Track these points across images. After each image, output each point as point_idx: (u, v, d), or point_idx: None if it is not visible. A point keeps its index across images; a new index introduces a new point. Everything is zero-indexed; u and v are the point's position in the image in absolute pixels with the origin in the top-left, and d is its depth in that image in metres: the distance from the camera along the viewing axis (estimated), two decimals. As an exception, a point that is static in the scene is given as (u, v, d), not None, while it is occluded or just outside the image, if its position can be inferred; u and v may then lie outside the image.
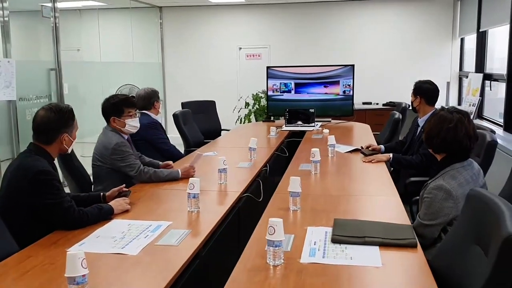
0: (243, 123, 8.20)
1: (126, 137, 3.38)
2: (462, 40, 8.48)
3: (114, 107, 3.30)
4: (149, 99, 4.32)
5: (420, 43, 8.57)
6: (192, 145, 5.13)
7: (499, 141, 4.98)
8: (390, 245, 2.10)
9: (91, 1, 7.85)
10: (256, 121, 7.97)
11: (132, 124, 3.36)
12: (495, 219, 1.60)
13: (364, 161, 3.90)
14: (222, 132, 6.38)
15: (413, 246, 2.09)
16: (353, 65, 6.53)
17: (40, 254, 2.09)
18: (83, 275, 1.65)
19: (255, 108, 8.20)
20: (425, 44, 8.56)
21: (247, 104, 8.34)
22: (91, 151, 3.43)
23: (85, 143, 5.24)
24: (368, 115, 7.88)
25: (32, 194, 2.32)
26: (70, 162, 3.37)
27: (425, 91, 4.10)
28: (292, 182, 2.65)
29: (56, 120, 2.47)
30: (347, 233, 2.19)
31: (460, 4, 8.28)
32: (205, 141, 5.40)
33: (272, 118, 6.94)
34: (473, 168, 2.47)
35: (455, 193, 2.30)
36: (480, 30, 7.06)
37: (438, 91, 4.09)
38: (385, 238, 2.13)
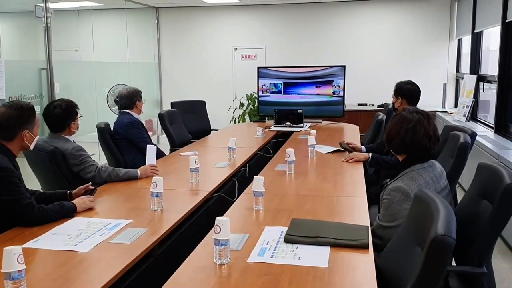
0: (238, 123, 8.21)
1: (72, 139, 3.41)
2: (459, 41, 8.43)
3: (68, 113, 3.31)
4: (131, 98, 4.33)
5: (417, 44, 8.53)
6: (177, 144, 5.14)
7: (488, 144, 4.96)
8: (342, 245, 2.08)
9: (87, 1, 7.89)
10: (250, 121, 7.97)
11: (80, 124, 3.43)
12: (431, 220, 1.59)
13: (343, 161, 3.88)
14: (212, 132, 6.39)
15: (365, 247, 2.07)
16: (344, 66, 6.50)
17: (-7, 250, 2.10)
18: (19, 271, 1.65)
19: (249, 108, 8.21)
20: (422, 45, 8.52)
21: (241, 105, 8.35)
22: (88, 149, 3.48)
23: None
24: (362, 116, 7.86)
25: None
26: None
27: (406, 91, 4.09)
28: (255, 182, 2.65)
29: (16, 117, 2.50)
30: (301, 233, 2.18)
31: (458, 4, 8.23)
32: (192, 140, 5.40)
33: (266, 118, 6.92)
34: (435, 170, 2.45)
35: (413, 194, 2.28)
36: (475, 31, 7.02)
37: (419, 91, 4.09)
38: (338, 239, 2.12)
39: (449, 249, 1.43)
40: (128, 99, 4.34)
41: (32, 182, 3.71)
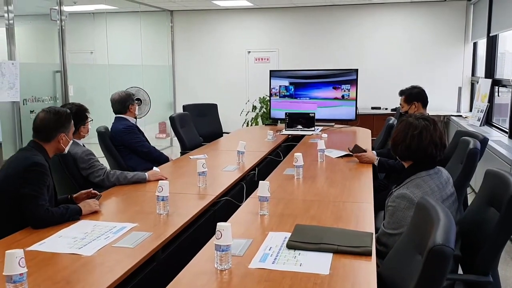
0: (251, 126, 8.22)
1: (82, 142, 3.44)
2: (475, 44, 8.33)
3: (78, 116, 3.35)
4: (124, 103, 4.27)
5: (431, 47, 8.45)
6: (188, 147, 5.16)
7: (501, 149, 4.89)
8: (345, 252, 2.07)
9: (102, 5, 7.98)
10: (263, 124, 7.97)
11: (90, 128, 3.48)
12: (431, 228, 1.57)
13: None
14: (224, 135, 6.39)
15: (367, 254, 2.05)
16: (357, 69, 6.47)
17: (-1, 252, 2.13)
18: (21, 274, 1.68)
19: (262, 111, 8.21)
20: (437, 48, 8.44)
21: (254, 108, 8.36)
22: (98, 151, 3.51)
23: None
24: (375, 120, 7.81)
25: (22, 182, 2.43)
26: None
27: (418, 95, 4.07)
28: (260, 187, 2.65)
29: (54, 121, 2.68)
30: (304, 239, 2.17)
31: (473, 7, 8.14)
32: (203, 144, 5.42)
33: (279, 121, 6.91)
34: (441, 177, 2.42)
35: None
36: (491, 35, 6.93)
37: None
38: (341, 245, 2.10)
39: (447, 259, 1.41)
40: (120, 104, 4.28)
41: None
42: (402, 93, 4.14)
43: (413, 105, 4.07)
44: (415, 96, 4.09)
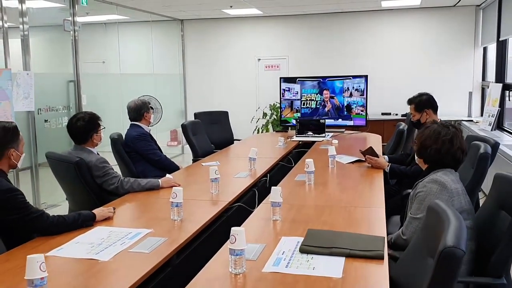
0: (261, 132, 8.26)
1: (96, 150, 3.49)
2: (485, 49, 8.31)
3: (91, 124, 3.40)
4: (139, 111, 4.37)
5: (441, 52, 8.44)
6: (200, 155, 5.21)
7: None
8: (357, 256, 2.10)
9: (114, 15, 8.09)
10: (273, 131, 8.01)
11: (102, 136, 3.51)
12: (442, 231, 1.60)
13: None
14: (235, 142, 6.44)
15: (380, 258, 2.08)
16: (366, 75, 6.49)
17: (19, 257, 2.17)
18: (42, 278, 1.72)
19: (272, 118, 8.26)
20: (447, 53, 8.43)
21: (264, 115, 8.41)
22: (111, 160, 3.54)
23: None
24: (386, 126, 7.81)
25: (4, 212, 2.36)
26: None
27: (428, 102, 4.05)
28: (273, 192, 2.68)
29: (1, 137, 2.53)
30: (316, 244, 2.20)
31: (482, 12, 8.13)
32: (214, 151, 5.47)
33: (289, 128, 6.95)
34: (457, 177, 2.49)
35: (450, 186, 2.35)
36: (500, 39, 6.92)
37: None
38: (353, 250, 2.13)
39: (458, 261, 1.44)
40: (136, 112, 4.38)
41: (57, 192, 3.83)
42: (410, 102, 4.09)
43: (424, 112, 4.02)
44: (424, 103, 4.04)
